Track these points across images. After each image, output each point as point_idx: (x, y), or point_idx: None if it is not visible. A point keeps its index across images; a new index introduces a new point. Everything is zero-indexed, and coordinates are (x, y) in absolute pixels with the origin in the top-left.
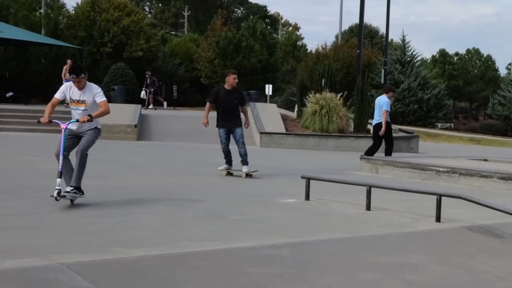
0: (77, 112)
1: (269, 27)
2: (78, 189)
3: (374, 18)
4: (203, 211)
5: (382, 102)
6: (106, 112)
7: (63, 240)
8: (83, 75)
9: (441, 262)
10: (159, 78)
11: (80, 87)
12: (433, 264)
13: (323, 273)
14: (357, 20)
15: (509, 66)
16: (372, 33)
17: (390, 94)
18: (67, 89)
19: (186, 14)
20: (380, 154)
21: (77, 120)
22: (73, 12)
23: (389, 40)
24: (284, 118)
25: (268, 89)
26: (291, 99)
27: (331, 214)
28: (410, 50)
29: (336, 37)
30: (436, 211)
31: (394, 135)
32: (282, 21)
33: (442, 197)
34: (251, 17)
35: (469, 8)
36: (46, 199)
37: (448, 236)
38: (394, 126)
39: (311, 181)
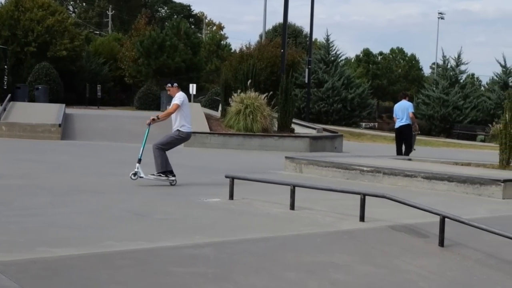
0: None
1: (193, 26)
2: (162, 173)
3: (299, 18)
4: (126, 210)
5: (408, 105)
6: (167, 114)
7: None
8: (169, 85)
9: (365, 261)
10: (83, 78)
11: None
12: (357, 264)
13: (247, 272)
14: (281, 20)
15: (433, 66)
16: (296, 32)
17: (407, 98)
18: None
19: (110, 13)
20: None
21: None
22: None
23: (313, 40)
24: (208, 118)
25: (192, 88)
26: (215, 98)
27: (255, 214)
28: (334, 50)
29: (260, 36)
30: (360, 210)
31: (318, 134)
32: (206, 20)
33: (366, 197)
34: (175, 16)
35: (394, 8)
36: None
37: (372, 235)
38: (318, 125)
39: (235, 180)
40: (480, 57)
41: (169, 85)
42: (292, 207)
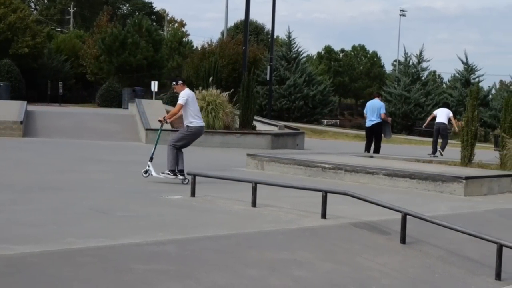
0: None
1: (154, 23)
2: (170, 171)
3: (260, 15)
4: (88, 207)
5: (380, 105)
6: (172, 114)
7: None
8: (174, 83)
9: (327, 258)
10: (45, 75)
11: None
12: (319, 261)
13: (209, 269)
14: (243, 17)
15: (395, 63)
16: (258, 29)
17: (380, 98)
18: None
19: (72, 10)
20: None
21: None
22: None
23: (275, 37)
24: None
25: (154, 85)
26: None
27: (217, 211)
28: (296, 47)
29: (222, 33)
30: (322, 207)
31: (280, 131)
32: (168, 17)
33: (328, 194)
34: (137, 13)
35: (356, 5)
36: None
37: (334, 232)
38: (279, 123)
39: (197, 177)
40: (442, 54)
41: (174, 83)
42: (254, 204)
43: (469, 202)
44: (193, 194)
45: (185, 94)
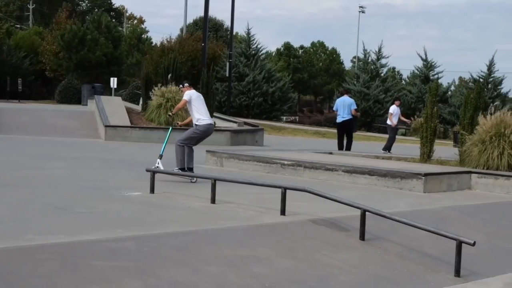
0: None
1: (114, 20)
2: (180, 169)
3: (220, 11)
4: (47, 204)
5: (350, 102)
6: (176, 109)
7: None
8: (181, 86)
9: (286, 255)
10: (4, 71)
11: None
12: (278, 257)
13: (168, 266)
14: (202, 13)
15: (354, 59)
16: (217, 26)
17: (349, 94)
18: None
19: (31, 7)
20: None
21: None
22: None
23: (234, 33)
24: (129, 111)
25: (113, 82)
26: (136, 92)
27: (176, 207)
28: (255, 43)
29: (181, 30)
30: (281, 204)
31: (239, 128)
32: (127, 14)
33: (287, 190)
34: (96, 10)
35: (316, 2)
36: None
37: (293, 229)
38: (239, 119)
39: (156, 174)
40: (401, 50)
41: (181, 86)
42: (213, 200)
43: (429, 198)
44: (152, 190)
45: (188, 92)
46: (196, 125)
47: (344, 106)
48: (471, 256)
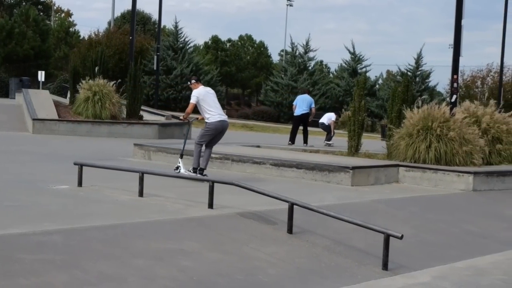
0: None
1: (41, 13)
2: (193, 169)
3: (147, 5)
4: None
5: (311, 100)
6: (186, 113)
7: None
8: (189, 83)
9: (214, 248)
10: None
11: None
12: (205, 251)
13: (96, 259)
14: (130, 7)
15: (282, 53)
16: (145, 19)
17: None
18: None
19: None
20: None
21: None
22: None
23: (162, 27)
24: (57, 105)
25: (41, 75)
26: (64, 85)
27: (104, 201)
28: (183, 37)
29: (109, 23)
30: (208, 197)
31: (167, 121)
32: (55, 7)
33: (215, 184)
34: (24, 3)
35: None
36: None
37: (221, 222)
38: (166, 112)
39: (84, 167)
40: (329, 44)
41: (189, 83)
42: (141, 194)
43: (356, 192)
44: (80, 184)
45: (194, 93)
46: (206, 123)
47: (304, 102)
48: (398, 249)
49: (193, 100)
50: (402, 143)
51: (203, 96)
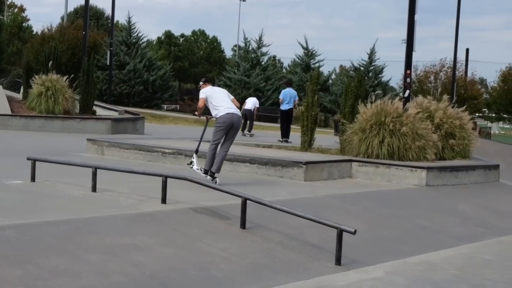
0: None
1: None
2: (204, 169)
3: (101, 0)
4: None
5: (295, 94)
6: (198, 109)
7: None
8: (200, 83)
9: (167, 243)
10: None
11: None
12: (158, 246)
13: (49, 254)
14: (83, 2)
15: (235, 48)
16: (98, 14)
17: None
18: None
19: None
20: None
21: None
22: None
23: (115, 22)
24: (10, 100)
25: None
26: (17, 80)
27: (57, 196)
28: (136, 32)
29: (62, 18)
30: (162, 192)
31: (120, 116)
32: (8, 2)
33: (168, 179)
34: None
35: None
36: None
37: (174, 217)
38: (119, 108)
39: (37, 162)
40: (283, 39)
41: (201, 83)
42: (94, 189)
43: (309, 187)
44: (33, 179)
45: (204, 90)
46: (216, 119)
47: (290, 97)
48: (352, 244)
49: (202, 96)
50: (355, 138)
51: (211, 93)
